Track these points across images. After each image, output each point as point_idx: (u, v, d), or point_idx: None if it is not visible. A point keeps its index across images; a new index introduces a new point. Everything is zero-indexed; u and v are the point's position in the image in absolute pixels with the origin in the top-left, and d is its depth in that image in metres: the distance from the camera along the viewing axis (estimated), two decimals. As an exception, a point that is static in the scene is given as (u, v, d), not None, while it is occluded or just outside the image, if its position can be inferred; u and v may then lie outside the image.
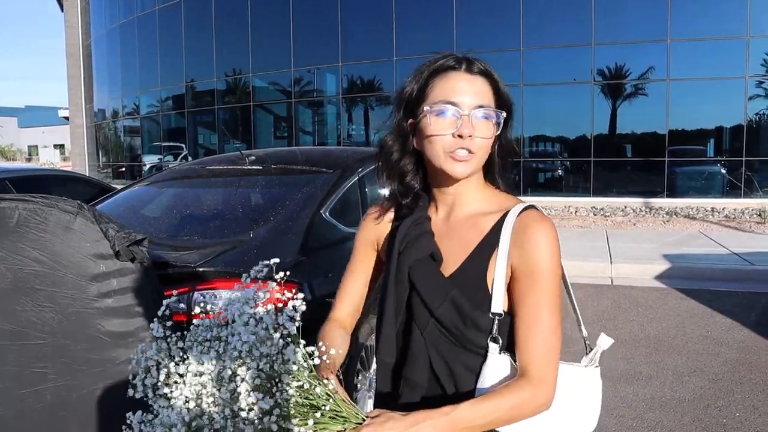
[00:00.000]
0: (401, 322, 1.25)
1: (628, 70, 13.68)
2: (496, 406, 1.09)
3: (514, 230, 1.17)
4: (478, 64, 1.21)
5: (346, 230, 3.11)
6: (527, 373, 1.12)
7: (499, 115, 1.18)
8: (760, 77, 12.86)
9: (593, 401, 1.26)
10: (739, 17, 12.56)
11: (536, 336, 1.13)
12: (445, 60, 1.21)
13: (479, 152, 1.18)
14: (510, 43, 13.91)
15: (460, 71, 1.19)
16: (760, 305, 5.79)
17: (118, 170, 23.59)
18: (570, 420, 1.22)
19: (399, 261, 1.24)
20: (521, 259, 1.15)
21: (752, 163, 12.89)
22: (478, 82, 1.19)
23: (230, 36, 18.52)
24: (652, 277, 7.00)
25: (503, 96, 1.21)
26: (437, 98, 1.18)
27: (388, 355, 1.26)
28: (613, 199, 13.14)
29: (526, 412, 1.12)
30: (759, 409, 3.56)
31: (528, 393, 1.10)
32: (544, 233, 1.15)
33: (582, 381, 1.26)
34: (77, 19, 26.17)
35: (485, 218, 1.22)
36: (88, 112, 26.61)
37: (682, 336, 4.91)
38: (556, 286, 1.15)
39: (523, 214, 1.19)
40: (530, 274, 1.14)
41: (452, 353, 1.20)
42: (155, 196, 3.81)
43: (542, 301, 1.14)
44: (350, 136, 17.25)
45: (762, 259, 7.28)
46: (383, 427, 1.02)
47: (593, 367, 1.30)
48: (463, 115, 1.16)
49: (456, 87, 1.17)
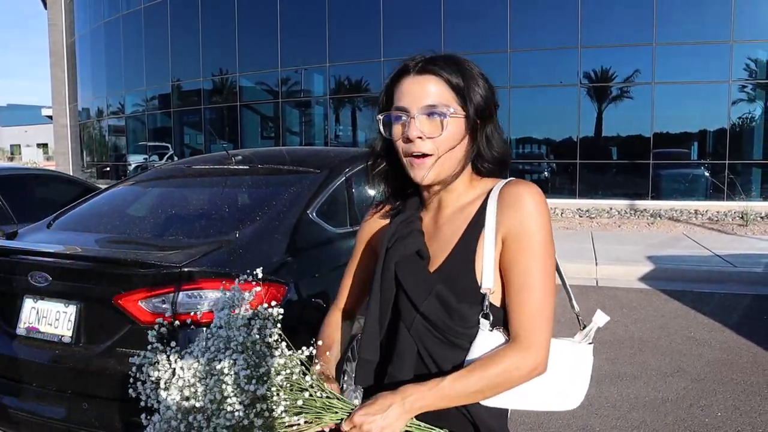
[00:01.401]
0: (388, 321, 1.25)
1: (614, 73, 13.80)
2: (482, 375, 1.09)
3: (499, 202, 1.16)
4: (430, 63, 1.18)
5: (332, 230, 3.10)
6: (517, 338, 1.11)
7: (445, 111, 1.15)
8: (743, 81, 13.03)
9: (582, 377, 1.24)
10: (723, 22, 12.71)
11: (527, 301, 1.11)
12: (402, 65, 1.21)
13: (437, 152, 1.16)
14: (497, 45, 13.98)
15: (411, 74, 1.18)
16: (742, 306, 5.86)
17: (103, 170, 23.36)
18: (557, 393, 1.21)
19: (386, 258, 1.23)
20: (510, 225, 1.14)
21: (735, 166, 13.05)
22: (427, 81, 1.17)
23: (217, 35, 18.41)
24: (637, 278, 7.06)
25: (461, 90, 1.17)
26: (394, 105, 1.19)
27: (370, 353, 1.24)
28: (598, 201, 13.24)
29: (517, 377, 1.10)
30: (740, 409, 3.60)
31: (516, 358, 1.09)
32: (531, 195, 1.14)
33: (574, 356, 1.24)
34: (61, 17, 25.90)
35: (470, 206, 1.22)
36: (72, 111, 26.33)
37: (665, 337, 4.96)
38: (546, 249, 1.13)
39: (506, 185, 1.19)
40: (519, 237, 1.13)
41: (439, 349, 1.18)
42: (140, 196, 3.77)
43: (533, 264, 1.12)
44: (338, 136, 17.22)
45: (744, 261, 7.37)
46: (372, 408, 1.07)
47: (586, 343, 1.28)
48: (410, 118, 1.16)
49: (405, 91, 1.18)
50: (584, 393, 1.25)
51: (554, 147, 14.83)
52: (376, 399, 1.09)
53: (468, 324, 1.16)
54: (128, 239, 2.97)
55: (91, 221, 3.32)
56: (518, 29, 13.98)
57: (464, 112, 1.17)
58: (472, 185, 1.25)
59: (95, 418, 2.42)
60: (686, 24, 13.11)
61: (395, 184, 1.31)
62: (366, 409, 1.07)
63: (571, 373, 1.23)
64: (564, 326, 1.59)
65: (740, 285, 6.63)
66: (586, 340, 1.28)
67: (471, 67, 1.20)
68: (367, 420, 1.06)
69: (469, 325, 1.16)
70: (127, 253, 2.64)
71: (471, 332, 1.16)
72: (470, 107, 1.17)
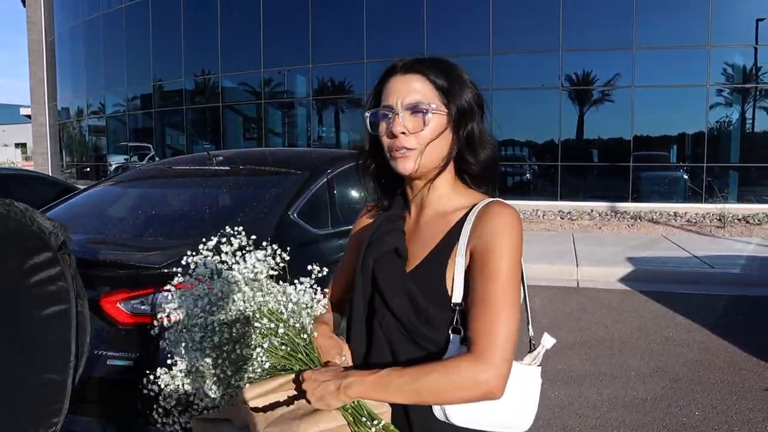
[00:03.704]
0: (366, 316, 1.28)
1: (595, 76, 13.94)
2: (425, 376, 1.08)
3: (476, 219, 1.18)
4: (417, 63, 1.22)
5: (314, 232, 3.09)
6: (471, 351, 1.09)
7: (427, 107, 1.18)
8: (720, 85, 13.24)
9: (531, 400, 1.22)
10: (701, 27, 12.91)
11: (485, 313, 1.10)
12: (391, 65, 1.25)
13: (419, 146, 1.19)
14: (480, 47, 14.05)
15: (397, 74, 1.22)
16: (719, 307, 5.94)
17: (83, 170, 23.08)
18: (505, 414, 1.19)
19: (365, 253, 1.26)
20: (478, 241, 1.15)
21: (713, 169, 13.25)
22: (412, 80, 1.20)
23: (199, 35, 18.28)
24: (617, 279, 7.13)
25: (445, 90, 1.20)
26: (381, 104, 1.23)
27: (358, 344, 1.27)
28: (579, 203, 13.36)
29: (467, 390, 1.08)
30: (717, 408, 3.65)
31: (468, 371, 1.07)
32: (503, 217, 1.15)
33: (522, 378, 1.22)
34: (40, 15, 25.54)
35: (452, 215, 1.24)
36: (52, 111, 25.96)
37: (644, 337, 5.01)
38: (511, 268, 1.12)
39: (486, 205, 1.20)
40: (485, 253, 1.13)
41: (405, 349, 1.20)
42: (120, 196, 3.73)
43: (493, 278, 1.11)
44: (320, 137, 17.19)
45: (721, 263, 7.49)
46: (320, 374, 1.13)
47: (535, 365, 1.27)
48: (394, 114, 1.19)
49: (391, 89, 1.21)
50: (533, 416, 1.23)
51: (536, 149, 14.94)
52: (329, 369, 1.15)
53: (433, 326, 1.17)
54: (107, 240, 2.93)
55: (70, 222, 3.27)
56: (500, 32, 14.07)
57: (447, 110, 1.20)
58: (456, 191, 1.26)
59: (74, 421, 2.38)
60: (665, 28, 13.29)
61: (384, 183, 1.34)
62: (316, 374, 1.13)
63: (520, 395, 1.20)
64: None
65: (718, 286, 6.73)
66: (535, 362, 1.27)
67: (459, 72, 1.23)
68: (311, 383, 1.12)
69: (434, 328, 1.17)
70: (106, 254, 2.61)
71: (436, 337, 1.17)
72: (453, 107, 1.20)
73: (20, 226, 1.67)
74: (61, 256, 1.71)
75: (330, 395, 1.10)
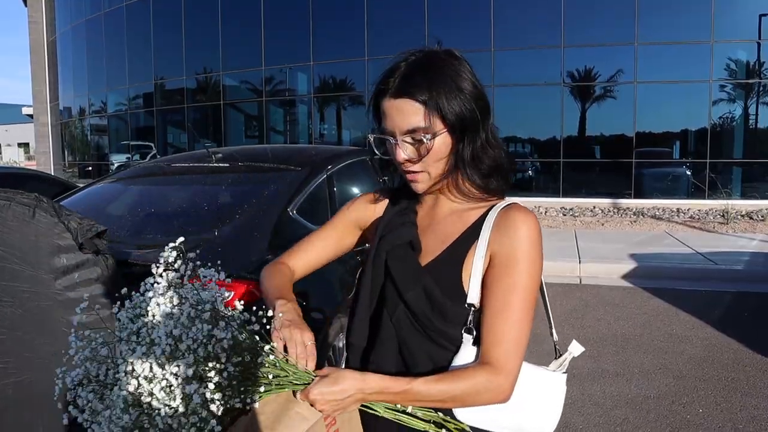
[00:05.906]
0: (373, 308, 1.26)
1: (597, 72, 13.89)
2: (449, 387, 1.09)
3: (496, 222, 1.17)
4: (404, 83, 1.14)
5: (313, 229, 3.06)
6: (488, 360, 1.11)
7: (422, 137, 1.13)
8: (723, 81, 13.18)
9: (555, 407, 1.24)
10: (704, 23, 12.85)
11: (503, 323, 1.11)
12: (378, 88, 1.19)
13: (427, 168, 1.18)
14: (481, 44, 14.01)
15: (387, 97, 1.16)
16: (723, 303, 5.91)
17: (85, 169, 23.09)
18: (529, 420, 1.21)
19: (378, 246, 1.26)
20: (500, 246, 1.14)
21: (716, 165, 13.20)
22: (403, 105, 1.14)
23: (200, 33, 18.27)
24: (620, 276, 7.10)
25: (437, 106, 1.13)
26: (381, 124, 1.20)
27: (359, 339, 1.26)
28: (582, 200, 13.32)
29: (482, 398, 1.10)
30: (721, 405, 3.63)
31: (484, 379, 1.09)
32: (527, 223, 1.14)
33: (547, 385, 1.24)
34: (41, 15, 25.54)
35: (469, 213, 1.23)
36: (54, 110, 25.98)
37: (648, 334, 4.99)
38: (531, 277, 1.13)
39: (507, 208, 1.19)
40: (507, 259, 1.13)
41: (417, 342, 1.20)
42: (119, 194, 3.72)
43: (514, 289, 1.12)
44: (322, 135, 17.17)
45: (724, 259, 7.45)
46: (330, 387, 1.05)
47: (561, 372, 1.28)
48: (395, 143, 1.17)
49: (387, 113, 1.17)
50: (557, 422, 1.24)
51: (538, 146, 14.90)
52: (336, 378, 1.06)
53: (446, 320, 1.16)
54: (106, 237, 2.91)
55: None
56: (502, 28, 14.03)
57: (444, 126, 1.15)
58: (469, 186, 1.22)
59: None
60: (668, 24, 13.22)
61: (392, 172, 1.33)
62: (321, 388, 1.05)
63: (544, 401, 1.23)
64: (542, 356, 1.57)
65: (721, 282, 6.69)
66: (561, 369, 1.29)
67: (451, 78, 1.15)
68: (321, 399, 1.05)
69: (448, 322, 1.16)
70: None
71: (448, 331, 1.17)
72: (449, 119, 1.14)
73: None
74: None
75: (350, 404, 1.08)
